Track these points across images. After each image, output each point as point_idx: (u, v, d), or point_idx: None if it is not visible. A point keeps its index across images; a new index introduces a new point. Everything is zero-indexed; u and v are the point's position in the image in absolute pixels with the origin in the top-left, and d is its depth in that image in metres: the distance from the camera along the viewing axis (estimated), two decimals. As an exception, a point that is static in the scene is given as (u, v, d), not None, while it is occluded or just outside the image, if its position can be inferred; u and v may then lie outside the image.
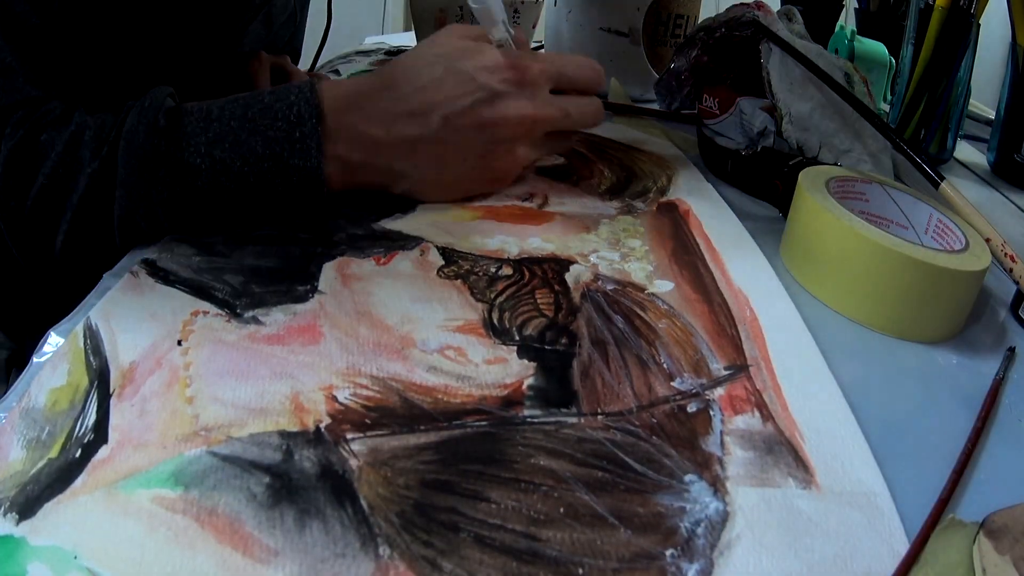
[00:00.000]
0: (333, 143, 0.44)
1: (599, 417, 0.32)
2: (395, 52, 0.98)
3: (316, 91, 0.44)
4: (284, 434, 0.29)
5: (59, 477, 0.27)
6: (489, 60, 0.47)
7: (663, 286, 0.42)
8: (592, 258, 0.44)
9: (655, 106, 0.76)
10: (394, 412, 0.31)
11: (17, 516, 0.25)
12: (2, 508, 0.26)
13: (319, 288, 0.39)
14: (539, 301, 0.39)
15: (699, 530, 0.27)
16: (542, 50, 0.92)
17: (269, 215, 0.45)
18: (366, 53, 0.97)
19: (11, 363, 0.60)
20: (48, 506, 0.26)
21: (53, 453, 0.28)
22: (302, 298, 0.38)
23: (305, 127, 0.43)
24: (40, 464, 0.28)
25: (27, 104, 0.42)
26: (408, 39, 1.05)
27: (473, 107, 0.45)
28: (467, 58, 0.46)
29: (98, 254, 0.43)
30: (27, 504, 0.26)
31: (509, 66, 0.47)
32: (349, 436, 0.30)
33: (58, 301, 0.40)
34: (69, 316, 0.36)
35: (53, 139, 0.41)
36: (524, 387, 0.33)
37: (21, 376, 0.32)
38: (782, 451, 0.31)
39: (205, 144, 0.42)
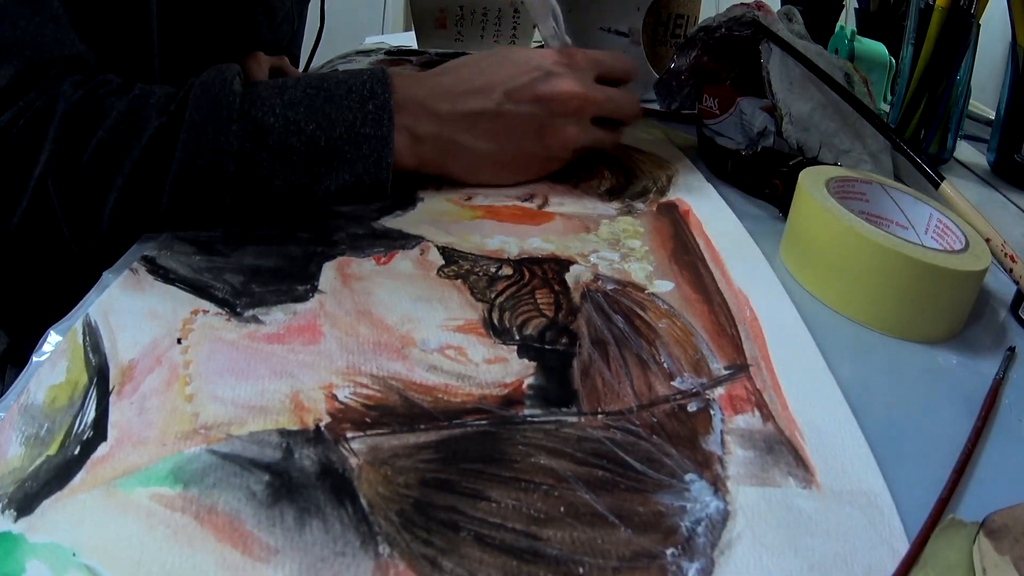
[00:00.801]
0: (402, 115, 0.47)
1: (599, 416, 0.32)
2: (395, 52, 0.98)
3: (387, 72, 0.47)
4: (284, 432, 0.29)
5: (58, 474, 0.27)
6: (540, 51, 0.53)
7: (663, 286, 0.42)
8: (592, 258, 0.44)
9: (655, 106, 0.75)
10: (394, 411, 0.31)
11: (16, 513, 0.25)
12: (1, 505, 0.26)
13: (319, 287, 0.39)
14: (539, 301, 0.39)
15: (699, 529, 0.27)
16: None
17: (330, 193, 0.45)
18: (366, 53, 0.97)
19: (6, 358, 0.60)
20: (47, 503, 0.26)
21: (52, 450, 0.28)
22: (302, 297, 0.38)
23: (378, 99, 0.45)
24: (39, 461, 0.28)
25: (81, 64, 0.42)
26: (408, 39, 1.05)
27: (531, 83, 0.50)
28: (521, 50, 0.53)
29: (144, 225, 0.43)
30: (26, 501, 0.26)
31: (559, 52, 0.52)
32: (349, 435, 0.30)
33: (55, 296, 0.40)
34: (69, 315, 0.36)
35: (115, 103, 0.41)
36: (524, 386, 0.33)
37: (21, 376, 0.32)
38: (782, 450, 0.31)
39: (280, 106, 0.43)
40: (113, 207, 0.41)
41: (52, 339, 0.34)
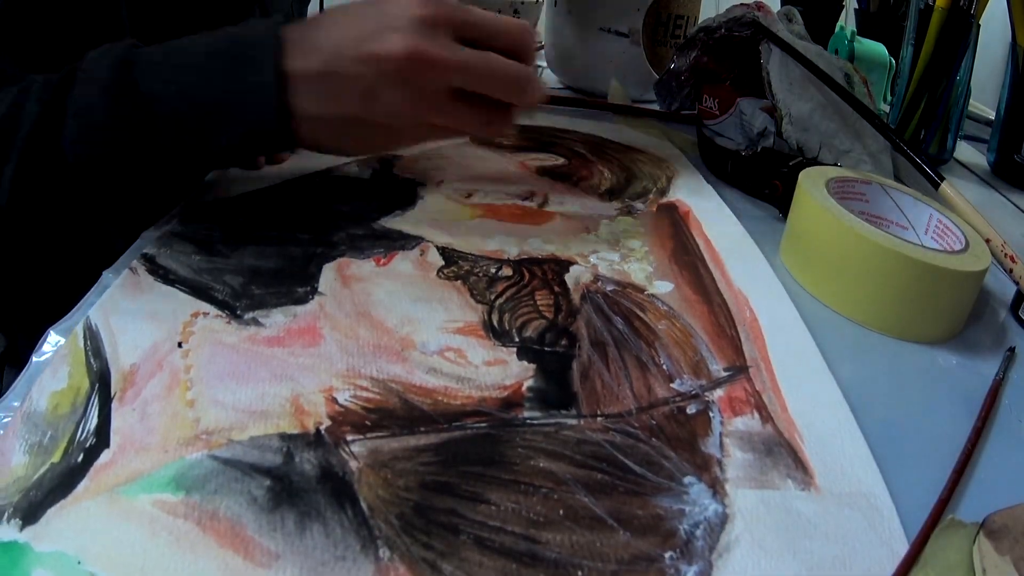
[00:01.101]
0: (290, 60, 0.41)
1: (599, 419, 0.32)
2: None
3: (279, 22, 0.43)
4: (284, 436, 0.30)
5: (62, 482, 0.27)
6: (400, 1, 0.43)
7: (663, 287, 0.42)
8: (592, 259, 0.44)
9: (655, 106, 0.76)
10: (394, 414, 0.31)
11: (21, 522, 0.25)
12: (6, 514, 0.26)
13: (319, 289, 0.39)
14: (539, 302, 0.39)
15: (698, 532, 0.27)
16: (541, 51, 0.92)
17: (233, 148, 0.43)
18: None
19: (3, 359, 0.60)
20: (51, 511, 0.26)
21: (55, 458, 0.28)
22: (302, 299, 0.38)
23: (263, 49, 0.41)
24: (43, 469, 0.28)
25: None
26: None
27: (364, 39, 0.41)
28: (387, 3, 0.43)
29: (50, 203, 0.42)
30: (30, 510, 0.26)
31: (412, 4, 0.42)
32: (349, 438, 0.30)
33: (52, 297, 0.40)
34: (68, 315, 0.36)
35: (3, 95, 0.40)
36: (524, 389, 0.33)
37: (20, 376, 0.32)
38: (781, 453, 0.31)
39: (168, 69, 0.41)
40: (11, 187, 0.40)
41: (52, 339, 0.34)
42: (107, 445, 0.29)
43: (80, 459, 0.28)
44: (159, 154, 0.41)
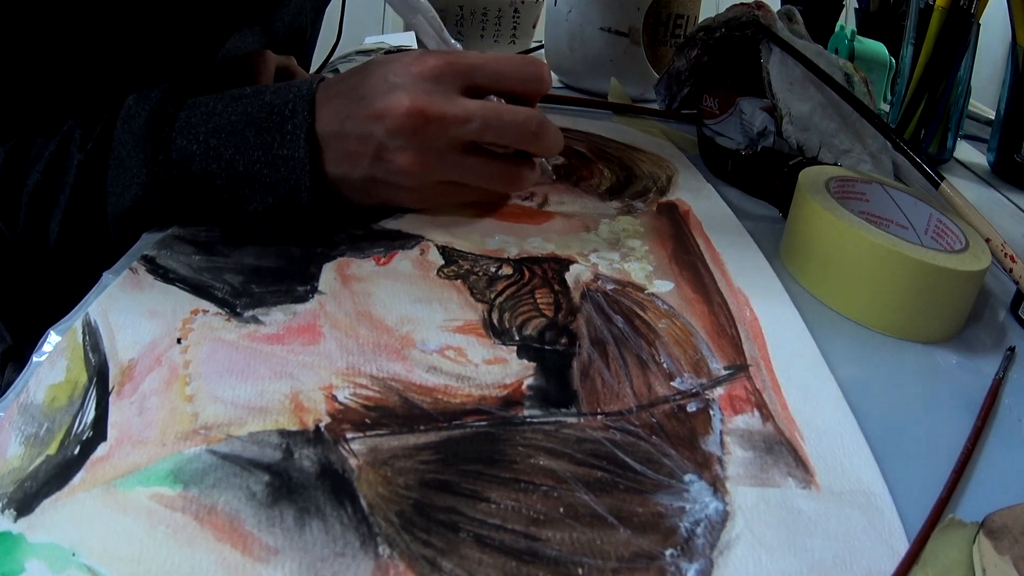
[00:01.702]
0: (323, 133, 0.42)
1: (599, 417, 0.32)
2: (395, 51, 0.98)
3: (315, 86, 0.43)
4: (284, 433, 0.29)
5: (57, 474, 0.27)
6: (410, 56, 0.43)
7: (663, 286, 0.42)
8: (592, 258, 0.44)
9: (655, 106, 0.76)
10: (394, 412, 0.31)
11: (15, 513, 0.25)
12: (0, 505, 0.26)
13: (319, 288, 0.39)
14: (539, 301, 0.39)
15: (699, 530, 0.27)
16: (541, 51, 0.92)
17: (259, 213, 0.44)
18: (366, 53, 0.97)
19: (7, 358, 0.60)
20: (46, 503, 0.26)
21: (51, 450, 0.28)
22: (302, 298, 0.38)
23: (297, 119, 0.42)
24: (38, 461, 0.28)
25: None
26: (408, 39, 1.05)
27: (373, 97, 0.41)
28: (394, 59, 0.43)
29: (94, 246, 0.43)
30: (25, 501, 0.26)
31: (416, 59, 0.42)
32: (349, 435, 0.30)
33: (57, 298, 0.40)
34: (68, 315, 0.36)
35: (47, 142, 0.42)
36: (524, 387, 0.33)
37: (20, 376, 0.32)
38: (782, 451, 0.31)
39: (204, 132, 0.41)
40: (59, 231, 0.43)
41: (52, 339, 0.34)
42: (104, 438, 0.29)
43: (76, 451, 0.28)
44: (191, 210, 0.43)
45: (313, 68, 0.84)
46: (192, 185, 0.42)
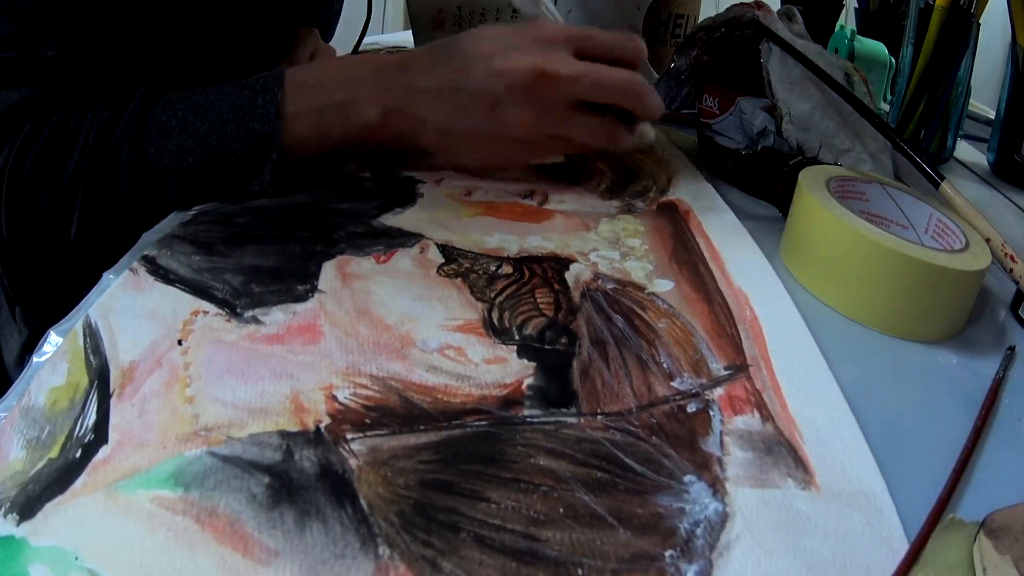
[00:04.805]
0: (340, 92, 0.47)
1: (598, 417, 0.32)
2: (394, 51, 0.98)
3: (285, 70, 0.47)
4: (284, 434, 0.29)
5: (59, 477, 0.27)
6: (519, 25, 0.48)
7: (663, 285, 0.42)
8: (592, 257, 0.44)
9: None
10: (394, 412, 0.31)
11: (18, 517, 0.25)
12: (3, 508, 0.26)
13: (319, 287, 0.39)
14: (539, 300, 0.39)
15: (698, 531, 0.27)
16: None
17: (230, 185, 0.46)
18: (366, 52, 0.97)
19: (25, 349, 0.60)
20: (49, 507, 0.26)
21: (53, 453, 0.28)
22: (302, 297, 0.38)
23: (268, 94, 0.46)
24: (40, 464, 0.28)
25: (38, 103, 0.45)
26: (407, 39, 1.05)
27: (491, 57, 0.46)
28: (502, 27, 0.48)
29: (111, 233, 0.46)
30: (28, 505, 0.26)
31: (531, 26, 0.47)
32: (349, 436, 0.30)
33: (61, 295, 0.40)
34: (69, 315, 0.36)
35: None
36: (524, 387, 0.33)
37: (21, 376, 0.32)
38: (781, 451, 0.31)
39: (182, 110, 0.45)
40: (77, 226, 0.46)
41: (53, 340, 0.34)
42: (105, 441, 0.29)
43: (78, 455, 0.28)
44: (164, 184, 0.46)
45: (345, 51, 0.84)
46: (169, 159, 0.45)
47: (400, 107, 0.48)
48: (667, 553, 0.26)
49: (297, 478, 0.28)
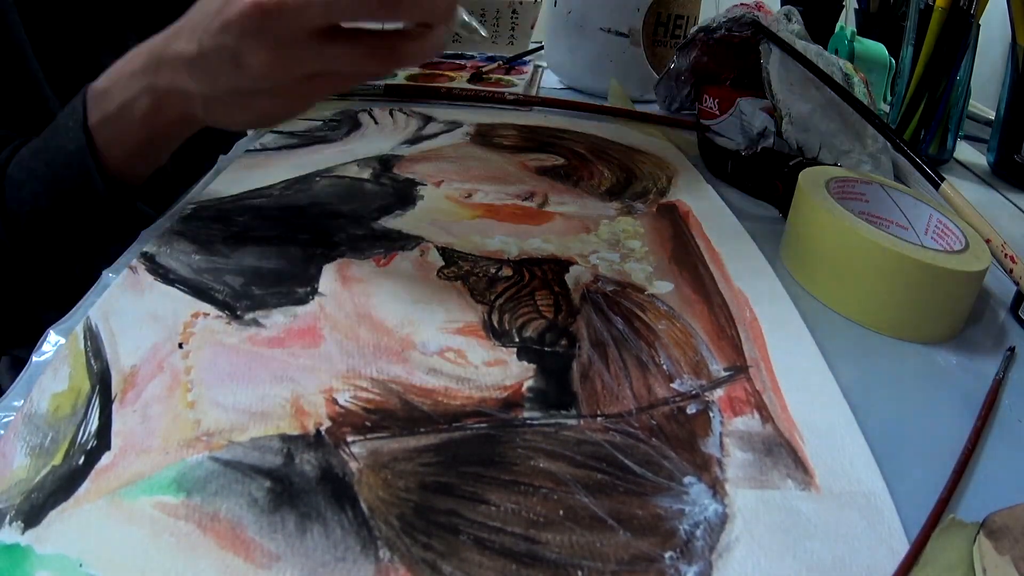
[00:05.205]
0: (95, 109, 0.44)
1: (598, 419, 0.32)
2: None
3: (89, 85, 0.45)
4: (285, 438, 0.30)
5: (63, 485, 0.27)
6: None
7: (663, 287, 0.42)
8: (592, 259, 0.44)
9: (655, 107, 0.76)
10: (394, 414, 0.31)
11: (23, 525, 0.25)
12: (7, 517, 0.26)
13: (319, 290, 0.39)
14: (539, 302, 0.39)
15: (698, 532, 0.27)
16: (541, 51, 0.92)
17: (88, 215, 0.46)
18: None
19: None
20: (53, 514, 0.26)
21: (57, 460, 0.28)
22: (302, 300, 0.38)
23: (76, 114, 0.44)
24: (44, 472, 0.28)
25: None
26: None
27: (220, 8, 0.40)
28: None
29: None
30: (32, 512, 0.26)
31: None
32: (349, 439, 0.30)
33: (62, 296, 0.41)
34: (68, 315, 0.36)
35: None
36: (524, 389, 0.33)
37: (20, 376, 0.32)
38: (781, 452, 0.31)
39: (26, 158, 0.46)
40: None
41: (52, 339, 0.34)
42: (108, 447, 0.29)
43: (81, 461, 0.28)
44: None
45: None
46: (28, 207, 0.45)
47: (167, 87, 0.43)
48: (667, 554, 0.26)
49: (298, 482, 0.28)
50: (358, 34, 0.40)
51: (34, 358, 0.33)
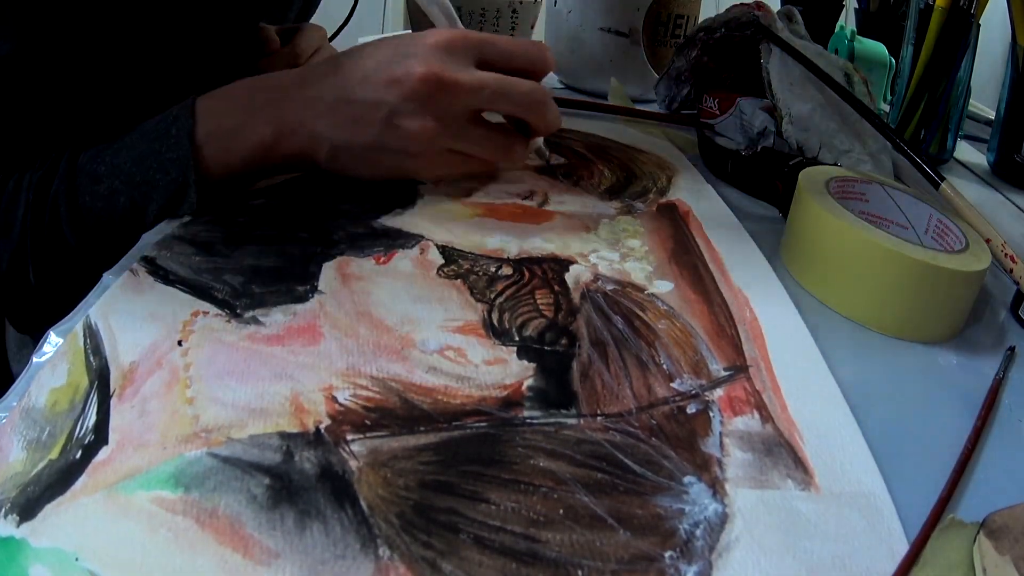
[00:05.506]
0: (204, 123, 0.45)
1: (598, 418, 0.32)
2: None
3: (196, 98, 0.45)
4: (284, 435, 0.29)
5: (60, 478, 0.27)
6: (416, 33, 0.45)
7: (663, 286, 0.42)
8: (592, 258, 0.44)
9: (655, 106, 0.76)
10: (394, 413, 0.31)
11: (18, 518, 0.25)
12: (3, 510, 0.26)
13: (319, 288, 0.39)
14: (539, 301, 0.39)
15: (698, 532, 0.27)
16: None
17: (158, 215, 0.45)
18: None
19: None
20: (49, 508, 0.26)
21: (53, 454, 0.28)
22: (302, 298, 0.38)
23: (180, 124, 0.44)
24: (41, 465, 0.28)
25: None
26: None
27: (387, 65, 0.44)
28: (404, 35, 0.46)
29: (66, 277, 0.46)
30: (28, 506, 0.26)
31: (428, 33, 0.45)
32: (349, 437, 0.30)
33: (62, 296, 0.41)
34: (68, 316, 0.36)
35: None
36: (524, 388, 0.33)
37: (20, 377, 0.32)
38: (781, 452, 0.31)
39: (108, 155, 0.45)
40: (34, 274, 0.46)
41: (52, 340, 0.34)
42: (106, 442, 0.29)
43: (78, 456, 0.28)
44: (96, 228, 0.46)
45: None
46: (102, 203, 0.45)
47: (293, 124, 0.46)
48: (667, 554, 0.26)
49: (297, 479, 0.28)
50: (492, 125, 0.46)
51: (35, 359, 0.33)
